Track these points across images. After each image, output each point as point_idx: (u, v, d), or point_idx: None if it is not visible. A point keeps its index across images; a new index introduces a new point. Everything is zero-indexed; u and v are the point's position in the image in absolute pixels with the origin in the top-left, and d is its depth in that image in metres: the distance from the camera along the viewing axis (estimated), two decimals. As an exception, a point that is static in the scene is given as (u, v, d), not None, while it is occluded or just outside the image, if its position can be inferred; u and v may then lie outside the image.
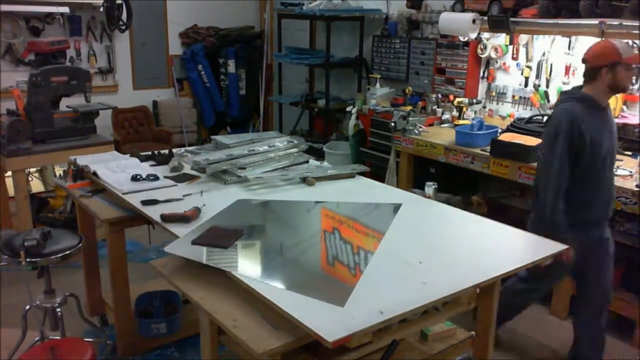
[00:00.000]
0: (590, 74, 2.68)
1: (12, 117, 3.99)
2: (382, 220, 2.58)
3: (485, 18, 4.19)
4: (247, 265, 2.15)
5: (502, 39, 4.45)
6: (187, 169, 3.24)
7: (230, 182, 3.01)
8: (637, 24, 3.38)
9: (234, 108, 7.27)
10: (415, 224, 2.59)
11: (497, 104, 4.64)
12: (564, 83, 4.12)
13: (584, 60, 2.72)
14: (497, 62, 4.59)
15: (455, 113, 4.66)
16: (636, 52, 2.94)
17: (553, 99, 4.19)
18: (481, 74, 4.74)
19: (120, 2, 4.77)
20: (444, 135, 4.32)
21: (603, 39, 3.20)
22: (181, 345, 3.25)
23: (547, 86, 4.24)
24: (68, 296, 2.94)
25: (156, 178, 3.04)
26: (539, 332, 3.52)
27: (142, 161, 3.41)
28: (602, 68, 2.61)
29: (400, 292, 1.95)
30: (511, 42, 4.40)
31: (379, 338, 2.14)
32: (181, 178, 3.12)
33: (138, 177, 3.01)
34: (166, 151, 3.53)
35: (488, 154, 3.83)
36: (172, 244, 2.29)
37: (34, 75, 4.02)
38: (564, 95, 2.85)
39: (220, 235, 2.34)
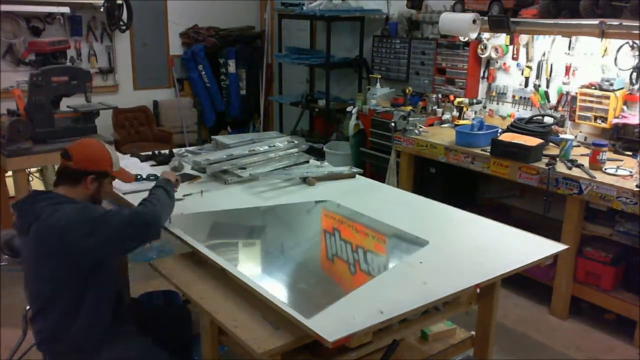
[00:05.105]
0: (74, 177, 2.23)
1: (13, 117, 3.99)
2: (381, 221, 2.58)
3: (486, 18, 4.19)
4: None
5: (502, 39, 4.45)
6: (187, 169, 3.24)
7: (230, 182, 3.01)
8: (637, 24, 3.38)
9: (235, 108, 7.27)
10: (414, 224, 2.59)
11: (498, 104, 4.64)
12: (564, 83, 4.12)
13: (67, 157, 2.22)
14: (497, 62, 4.59)
15: (455, 113, 4.66)
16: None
17: (553, 99, 4.20)
18: (481, 74, 4.74)
19: (120, 2, 4.77)
20: (444, 136, 4.32)
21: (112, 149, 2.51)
22: (181, 345, 3.25)
23: (548, 86, 4.24)
24: (68, 296, 2.93)
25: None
26: (539, 332, 3.51)
27: (142, 161, 3.40)
28: (89, 175, 2.22)
29: (401, 292, 1.95)
30: (511, 42, 4.40)
31: (379, 338, 2.14)
32: (182, 178, 3.11)
33: (138, 177, 3.01)
34: (167, 151, 3.53)
35: (488, 154, 3.83)
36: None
37: (35, 75, 4.01)
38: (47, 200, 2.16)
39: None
